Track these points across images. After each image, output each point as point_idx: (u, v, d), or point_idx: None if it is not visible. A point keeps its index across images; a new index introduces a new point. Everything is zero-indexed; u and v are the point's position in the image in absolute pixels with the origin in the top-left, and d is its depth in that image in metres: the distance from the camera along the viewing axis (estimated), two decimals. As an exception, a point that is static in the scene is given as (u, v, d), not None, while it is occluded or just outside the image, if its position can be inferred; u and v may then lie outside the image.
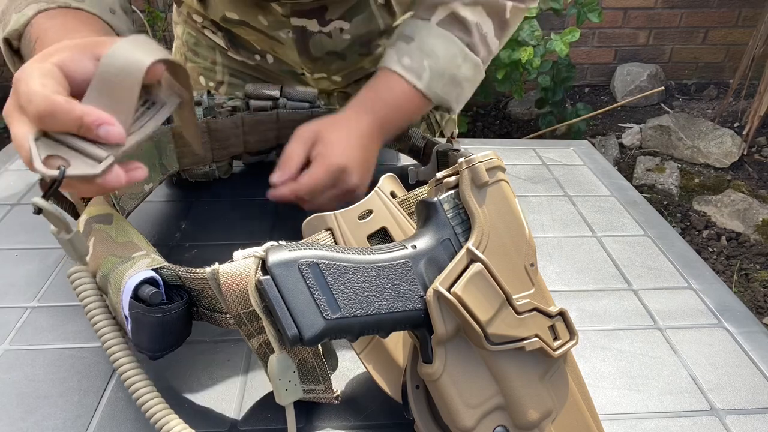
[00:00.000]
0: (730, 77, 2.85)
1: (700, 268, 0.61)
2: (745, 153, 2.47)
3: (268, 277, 0.31)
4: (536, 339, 0.34)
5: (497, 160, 0.36)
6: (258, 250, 0.33)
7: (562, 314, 0.36)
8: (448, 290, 0.32)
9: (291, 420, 0.35)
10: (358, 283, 0.32)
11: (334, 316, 0.31)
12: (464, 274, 0.33)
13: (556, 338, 0.35)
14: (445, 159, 0.62)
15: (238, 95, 0.66)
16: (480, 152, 0.36)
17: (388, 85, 0.63)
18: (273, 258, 0.32)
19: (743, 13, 2.92)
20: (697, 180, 2.36)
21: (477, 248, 0.34)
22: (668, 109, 2.89)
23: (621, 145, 2.62)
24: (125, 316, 0.36)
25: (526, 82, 2.33)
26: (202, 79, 0.83)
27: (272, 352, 0.34)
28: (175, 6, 0.83)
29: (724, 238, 2.07)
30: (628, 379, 0.47)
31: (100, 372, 0.45)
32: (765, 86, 2.34)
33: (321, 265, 0.32)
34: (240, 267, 0.33)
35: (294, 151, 0.58)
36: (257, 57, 0.79)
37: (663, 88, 2.83)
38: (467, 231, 0.35)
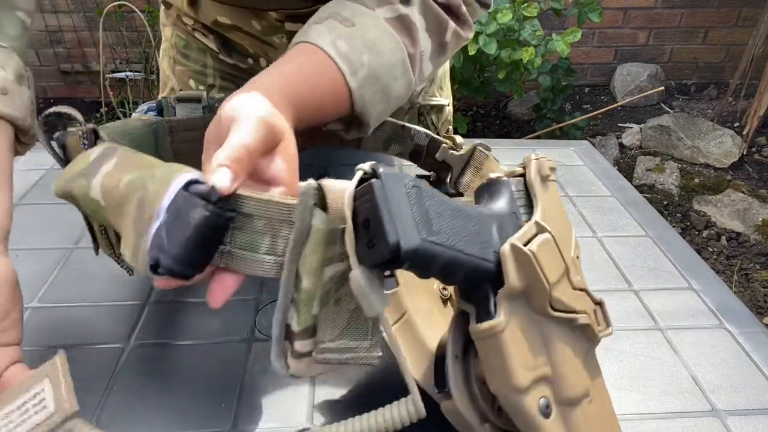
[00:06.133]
0: (730, 77, 2.85)
1: (701, 268, 0.61)
2: (745, 153, 2.47)
3: (380, 180, 0.31)
4: (586, 315, 0.36)
5: (551, 162, 0.39)
6: (364, 166, 0.32)
7: (600, 304, 0.38)
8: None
9: (388, 328, 0.33)
10: (448, 218, 0.33)
11: (429, 239, 0.31)
12: (535, 239, 0.34)
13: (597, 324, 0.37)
14: (472, 156, 0.60)
15: None
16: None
17: (319, 70, 0.46)
18: (383, 168, 0.32)
19: (743, 13, 2.92)
20: (697, 180, 2.36)
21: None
22: (668, 109, 2.90)
23: (621, 145, 2.62)
24: (157, 215, 0.33)
25: (526, 82, 2.33)
26: (192, 83, 0.81)
27: (341, 285, 0.33)
28: (163, 8, 0.81)
29: (724, 238, 2.07)
30: (629, 379, 0.47)
31: (101, 372, 0.45)
32: (765, 86, 2.34)
33: (423, 191, 0.32)
34: (343, 183, 0.33)
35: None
36: (250, 61, 0.77)
37: (663, 88, 2.83)
38: (528, 215, 0.37)
